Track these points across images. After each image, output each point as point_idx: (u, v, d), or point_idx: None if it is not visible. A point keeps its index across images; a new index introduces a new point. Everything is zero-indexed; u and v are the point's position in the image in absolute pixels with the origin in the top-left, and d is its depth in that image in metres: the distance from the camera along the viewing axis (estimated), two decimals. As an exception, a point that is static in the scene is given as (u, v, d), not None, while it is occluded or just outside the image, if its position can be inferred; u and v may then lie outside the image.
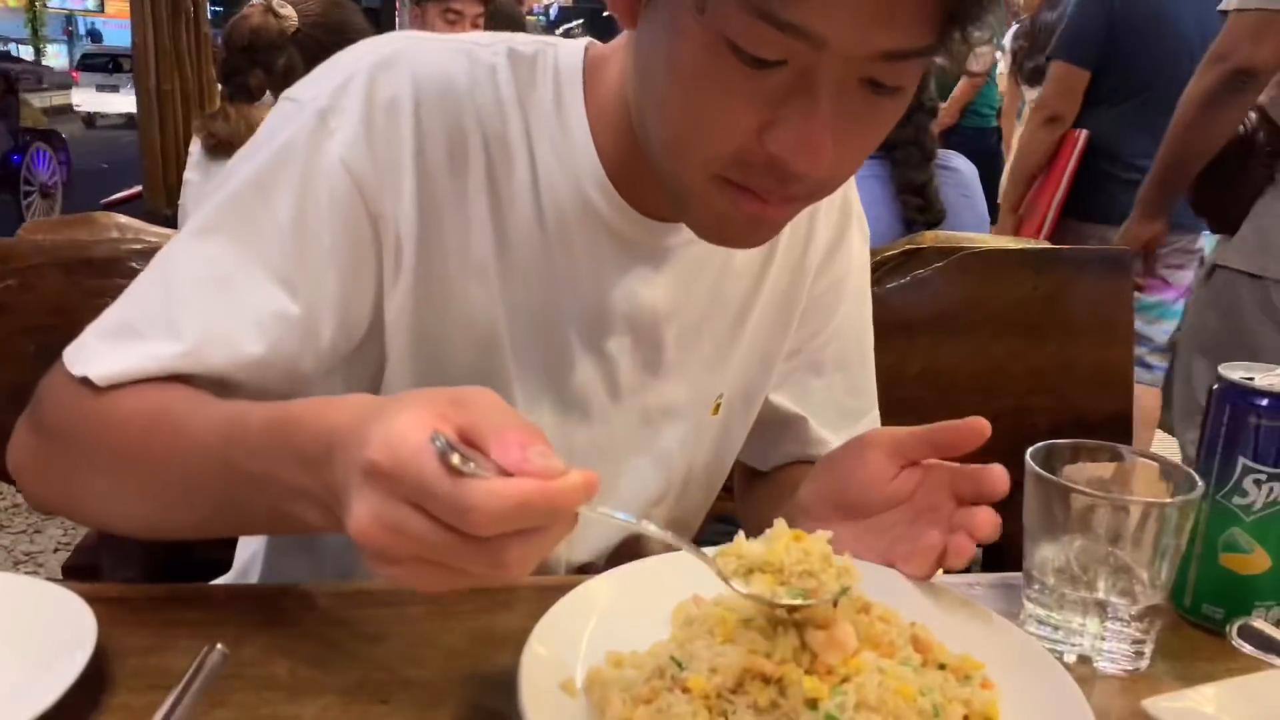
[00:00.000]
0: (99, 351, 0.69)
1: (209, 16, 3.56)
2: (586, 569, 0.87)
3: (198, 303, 0.70)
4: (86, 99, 18.31)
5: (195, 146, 2.07)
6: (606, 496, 0.86)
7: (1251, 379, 0.71)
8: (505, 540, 0.48)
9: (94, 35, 31.38)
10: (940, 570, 0.70)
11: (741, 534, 0.62)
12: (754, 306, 0.88)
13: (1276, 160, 1.77)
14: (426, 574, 0.50)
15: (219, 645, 0.58)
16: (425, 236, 0.74)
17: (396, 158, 0.72)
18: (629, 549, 0.89)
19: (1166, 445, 3.04)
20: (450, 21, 3.21)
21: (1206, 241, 2.60)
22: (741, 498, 1.06)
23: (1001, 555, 1.07)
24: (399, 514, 0.48)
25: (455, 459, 0.46)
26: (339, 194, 0.71)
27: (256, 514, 0.65)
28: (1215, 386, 0.72)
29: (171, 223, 2.54)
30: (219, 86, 3.13)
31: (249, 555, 0.91)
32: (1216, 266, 1.92)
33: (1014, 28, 3.75)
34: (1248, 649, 0.70)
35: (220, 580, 0.96)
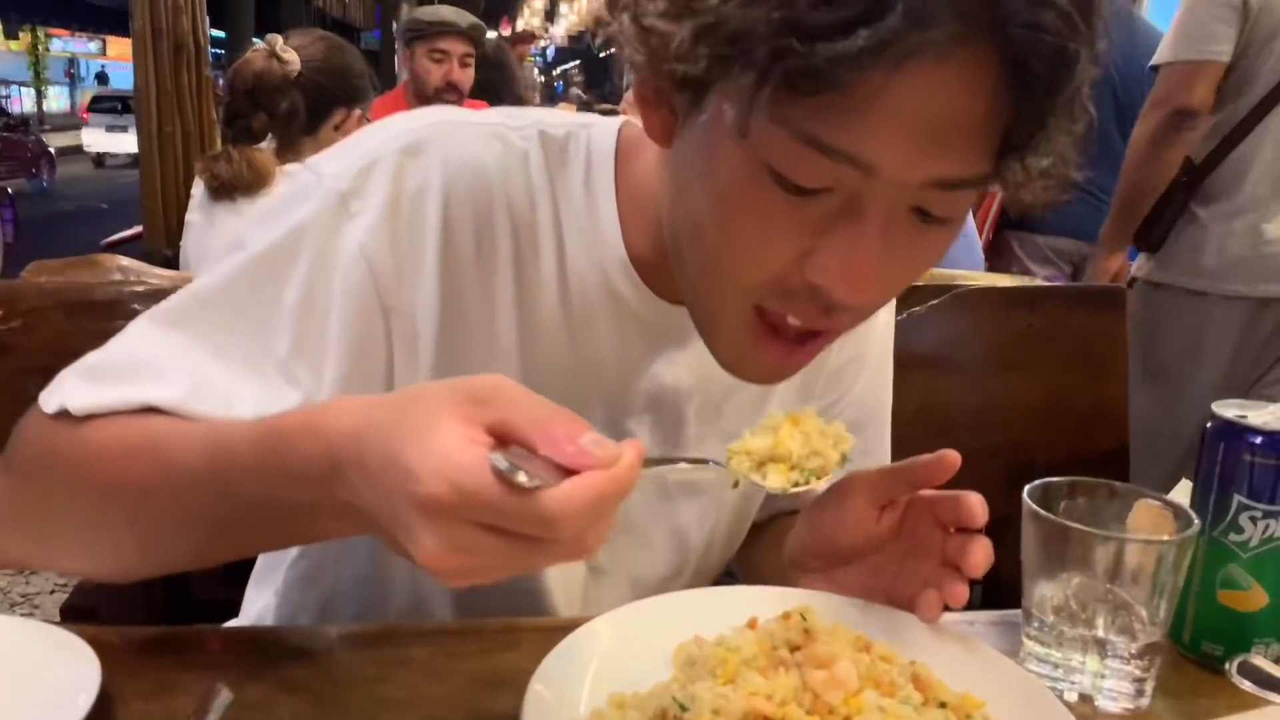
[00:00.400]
0: (76, 387, 0.67)
1: (210, 59, 3.59)
2: None
3: (191, 365, 0.68)
4: (96, 139, 19.05)
5: (198, 189, 2.09)
6: (620, 569, 0.85)
7: (1245, 417, 0.71)
8: (583, 530, 0.48)
9: (101, 78, 31.74)
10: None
11: (747, 431, 0.64)
12: (776, 385, 0.85)
13: (1191, 190, 2.07)
14: (504, 573, 0.50)
15: (223, 688, 0.58)
16: (447, 326, 0.73)
17: (419, 249, 0.71)
18: None
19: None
20: (436, 60, 3.26)
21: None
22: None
23: (1000, 592, 1.06)
24: (473, 538, 0.48)
25: (522, 478, 0.46)
26: (352, 282, 0.70)
27: (264, 533, 0.64)
28: (1209, 424, 0.73)
29: (171, 263, 2.55)
30: (219, 128, 3.17)
31: (258, 609, 0.89)
32: (1135, 279, 2.20)
33: None
34: (1247, 686, 0.70)
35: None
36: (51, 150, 16.35)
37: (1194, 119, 2.01)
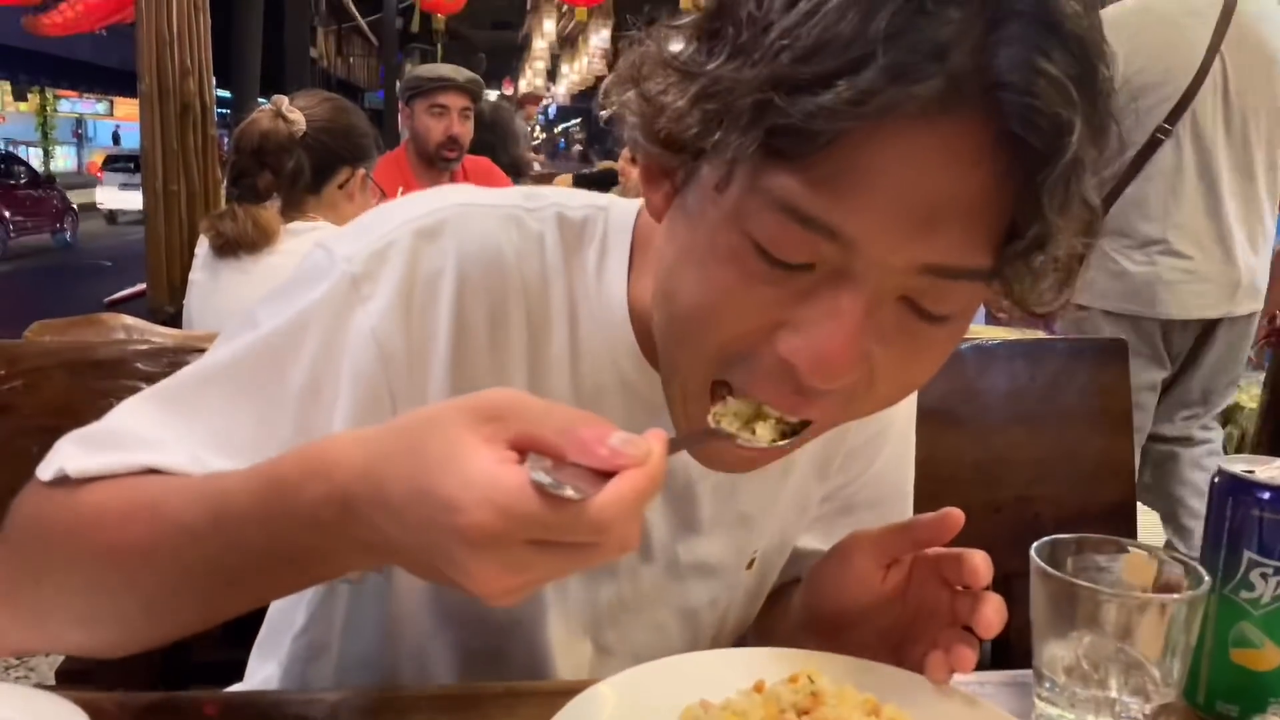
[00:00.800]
0: (73, 453, 0.66)
1: (215, 119, 3.64)
2: None
3: (191, 445, 0.67)
4: (110, 197, 19.96)
5: (202, 247, 2.10)
6: (629, 650, 0.82)
7: (1252, 472, 0.71)
8: (628, 528, 0.48)
9: (116, 138, 32.31)
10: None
11: (727, 393, 0.64)
12: (795, 463, 0.84)
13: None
14: (552, 580, 0.51)
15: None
16: None
17: (430, 334, 0.70)
18: None
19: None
20: (437, 115, 3.32)
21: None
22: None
23: (1010, 651, 1.05)
24: (524, 557, 0.48)
25: (568, 492, 0.46)
26: (361, 366, 0.68)
27: (276, 581, 0.62)
28: (1216, 480, 0.72)
29: (174, 320, 2.56)
30: (223, 188, 3.20)
31: (262, 679, 0.87)
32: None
33: None
34: (1265, 748, 0.69)
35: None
36: (75, 206, 17.58)
37: None
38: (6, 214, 15.37)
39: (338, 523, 0.52)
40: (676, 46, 0.59)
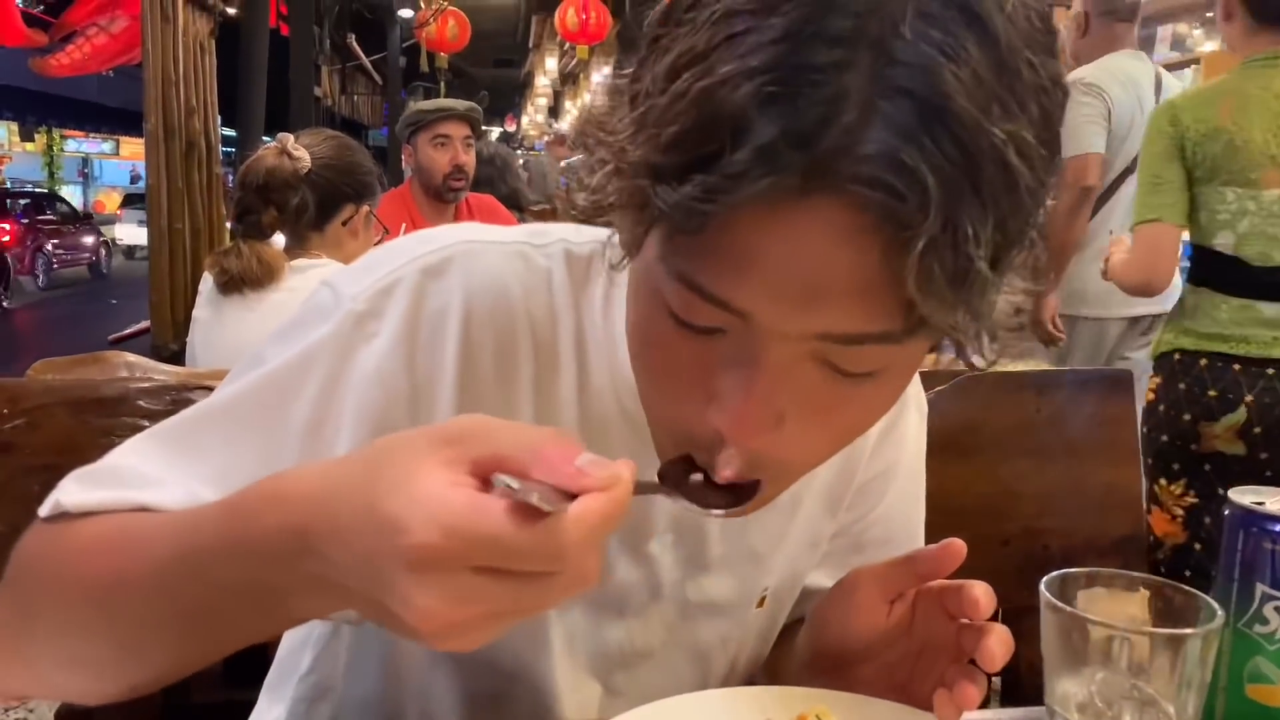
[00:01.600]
0: (73, 489, 0.65)
1: (220, 157, 3.68)
2: None
3: (190, 481, 0.66)
4: (128, 233, 20.67)
5: (206, 284, 2.11)
6: (638, 692, 0.80)
7: (1262, 504, 0.70)
8: (586, 558, 0.46)
9: (134, 178, 32.73)
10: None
11: None
12: (803, 499, 0.83)
13: None
14: (505, 623, 0.47)
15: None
16: None
17: (436, 372, 0.69)
18: None
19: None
20: (440, 145, 3.34)
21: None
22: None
23: (1020, 686, 1.04)
24: (471, 586, 0.45)
25: (535, 498, 0.43)
26: (366, 404, 0.68)
27: (242, 624, 0.58)
28: (1227, 513, 0.72)
29: (177, 357, 2.57)
30: (228, 225, 3.22)
31: None
32: None
33: None
34: (1284, 786, 0.68)
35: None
36: (108, 241, 18.82)
37: (1092, 192, 2.92)
38: (49, 247, 16.50)
39: (290, 555, 0.50)
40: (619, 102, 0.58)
